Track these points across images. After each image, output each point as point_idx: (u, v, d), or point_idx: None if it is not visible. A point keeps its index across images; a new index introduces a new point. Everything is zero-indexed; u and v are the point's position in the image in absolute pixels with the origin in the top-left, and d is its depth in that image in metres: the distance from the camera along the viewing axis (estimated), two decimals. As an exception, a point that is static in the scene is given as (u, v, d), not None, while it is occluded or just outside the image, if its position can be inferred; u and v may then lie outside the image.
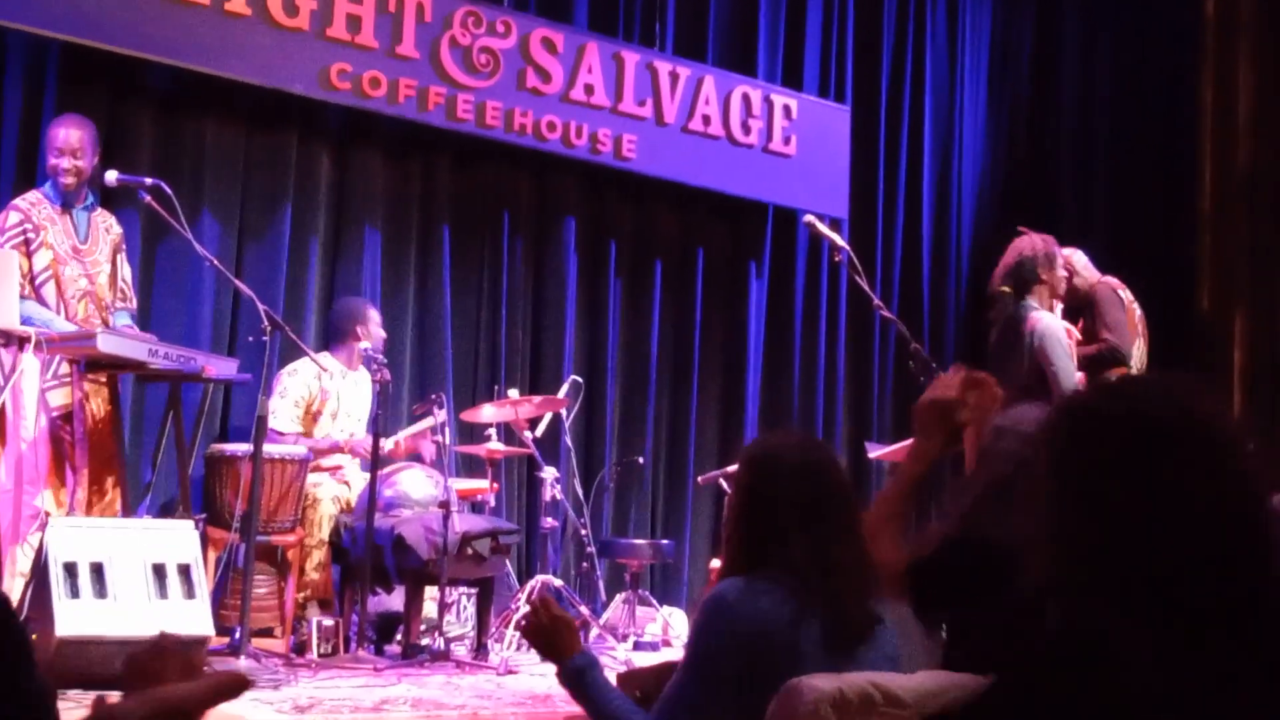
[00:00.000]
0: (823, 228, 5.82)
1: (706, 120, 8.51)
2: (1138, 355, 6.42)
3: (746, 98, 8.69)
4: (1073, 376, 5.85)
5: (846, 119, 9.20)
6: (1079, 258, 6.59)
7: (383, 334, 6.81)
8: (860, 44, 9.46)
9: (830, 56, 9.32)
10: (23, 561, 5.10)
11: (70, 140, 5.69)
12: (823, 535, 2.60)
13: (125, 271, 5.97)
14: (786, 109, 8.86)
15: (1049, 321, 5.77)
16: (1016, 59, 10.17)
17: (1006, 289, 6.01)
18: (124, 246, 6.01)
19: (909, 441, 5.91)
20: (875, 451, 6.93)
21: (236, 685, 1.26)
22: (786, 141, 8.82)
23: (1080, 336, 6.24)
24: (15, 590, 4.97)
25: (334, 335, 6.84)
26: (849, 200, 9.07)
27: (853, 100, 9.34)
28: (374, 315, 6.81)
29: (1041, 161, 10.11)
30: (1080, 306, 6.37)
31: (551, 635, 2.73)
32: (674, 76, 8.40)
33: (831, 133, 9.07)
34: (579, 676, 2.68)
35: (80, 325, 5.58)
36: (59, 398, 5.50)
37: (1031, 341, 5.71)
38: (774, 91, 8.87)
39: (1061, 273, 6.03)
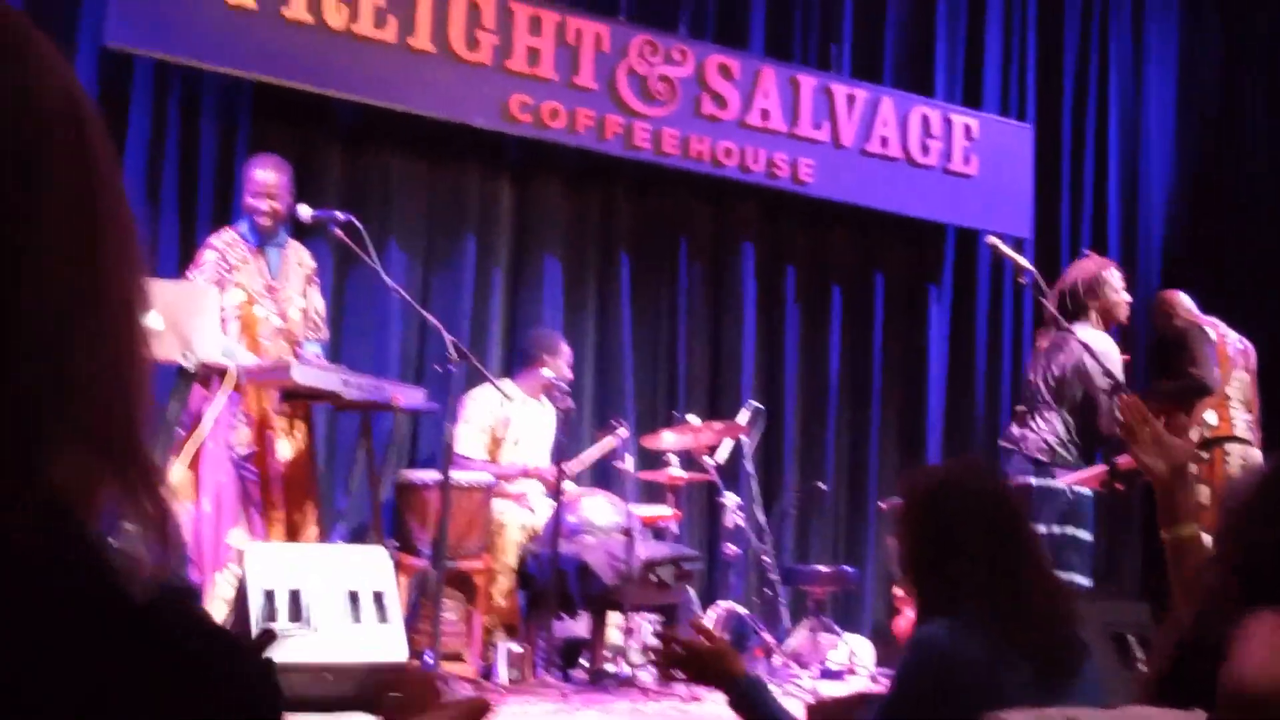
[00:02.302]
0: (1006, 248, 5.73)
1: (885, 142, 8.43)
2: (1239, 386, 6.99)
3: (925, 118, 8.59)
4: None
5: (1029, 137, 9.04)
6: (1182, 299, 7.17)
7: (569, 374, 6.81)
8: (1042, 61, 9.30)
9: (1011, 74, 9.17)
10: (224, 588, 5.25)
11: (269, 182, 5.84)
12: (1012, 565, 2.46)
13: (317, 302, 6.08)
14: (967, 128, 8.73)
15: (1089, 337, 5.86)
16: (1204, 73, 9.88)
17: (1057, 314, 6.00)
18: (317, 279, 6.11)
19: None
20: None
21: (481, 710, 1.27)
22: (967, 161, 8.69)
23: (1129, 356, 6.43)
24: (218, 615, 5.11)
25: (521, 361, 6.91)
26: (1033, 220, 8.91)
27: (1035, 118, 9.17)
28: (565, 351, 6.81)
29: (1232, 176, 9.79)
30: (1175, 344, 6.81)
31: (701, 664, 2.60)
32: (851, 99, 8.34)
33: (1013, 151, 8.91)
34: (753, 698, 2.56)
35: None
36: (234, 438, 5.63)
37: (1077, 357, 5.95)
38: (953, 111, 8.75)
39: (1115, 296, 6.20)
